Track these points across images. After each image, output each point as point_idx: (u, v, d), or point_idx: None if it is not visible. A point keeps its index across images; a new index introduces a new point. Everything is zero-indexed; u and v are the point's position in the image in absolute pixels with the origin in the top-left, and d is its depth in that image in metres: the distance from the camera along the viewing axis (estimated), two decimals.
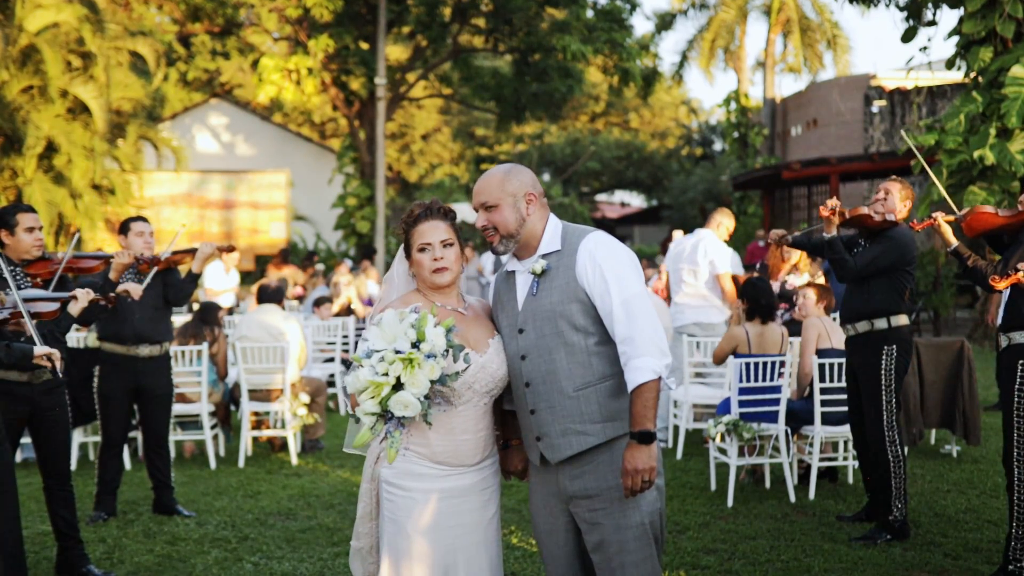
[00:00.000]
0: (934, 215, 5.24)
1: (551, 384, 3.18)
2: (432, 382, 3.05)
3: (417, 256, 3.29)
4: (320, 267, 16.74)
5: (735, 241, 15.78)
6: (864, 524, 5.90)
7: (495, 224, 3.26)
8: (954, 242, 5.21)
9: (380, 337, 3.09)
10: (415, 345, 3.04)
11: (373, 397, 3.07)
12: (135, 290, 5.72)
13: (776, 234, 6.25)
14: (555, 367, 3.18)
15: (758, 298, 6.98)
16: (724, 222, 8.85)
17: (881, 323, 5.66)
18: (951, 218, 5.30)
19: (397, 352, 3.03)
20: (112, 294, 5.24)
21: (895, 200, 5.69)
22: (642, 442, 3.07)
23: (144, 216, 6.45)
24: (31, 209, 5.14)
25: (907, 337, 5.74)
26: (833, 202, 5.78)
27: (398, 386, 3.05)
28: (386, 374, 3.04)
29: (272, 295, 8.57)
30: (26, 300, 4.44)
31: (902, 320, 5.69)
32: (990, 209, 5.07)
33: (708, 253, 8.61)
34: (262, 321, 8.27)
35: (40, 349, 4.23)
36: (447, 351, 3.05)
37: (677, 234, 10.13)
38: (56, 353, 4.25)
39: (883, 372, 5.66)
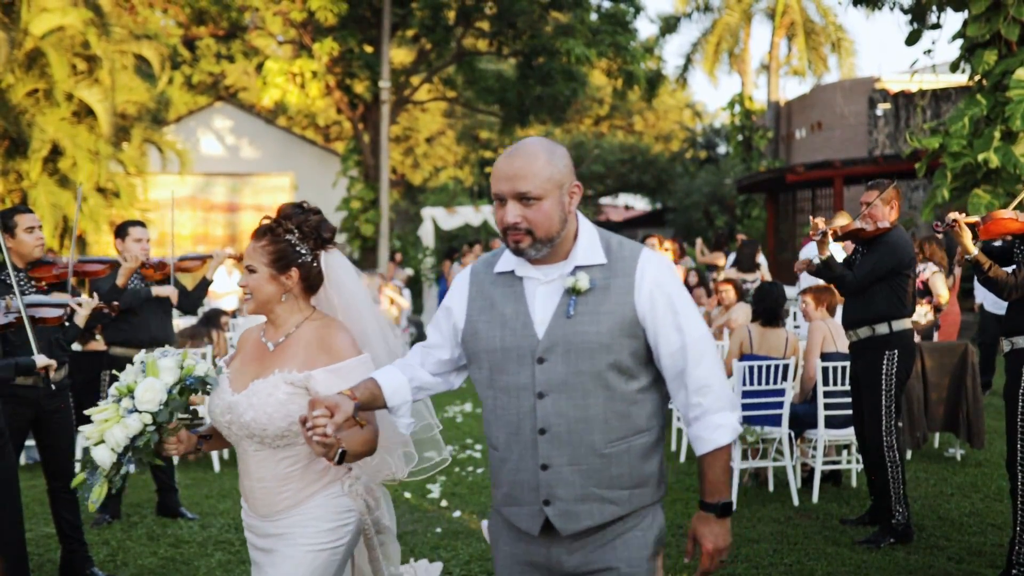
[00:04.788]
0: (956, 218, 4.93)
1: (579, 435, 2.51)
2: (133, 439, 2.71)
3: None
4: None
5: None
6: (867, 528, 5.89)
7: (534, 224, 2.48)
8: (974, 249, 4.92)
9: (123, 381, 2.80)
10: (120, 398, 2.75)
11: (88, 439, 2.78)
12: (173, 293, 6.30)
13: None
14: (588, 414, 2.51)
15: (762, 300, 7.01)
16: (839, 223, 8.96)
17: (882, 328, 5.63)
18: (973, 220, 5.00)
19: (117, 402, 2.76)
20: (115, 302, 5.29)
21: (877, 209, 5.64)
22: (723, 515, 2.55)
23: (142, 221, 6.54)
24: (28, 210, 5.18)
25: (909, 342, 5.69)
26: (821, 225, 5.76)
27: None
28: (107, 421, 2.75)
29: None
30: (30, 305, 4.46)
31: (904, 324, 5.65)
32: (1009, 214, 4.91)
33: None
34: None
35: (40, 359, 4.26)
36: (164, 405, 2.71)
37: (652, 241, 10.08)
38: (52, 364, 4.31)
39: (884, 377, 5.63)
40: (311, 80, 20.72)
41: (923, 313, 8.32)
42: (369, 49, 21.63)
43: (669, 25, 28.20)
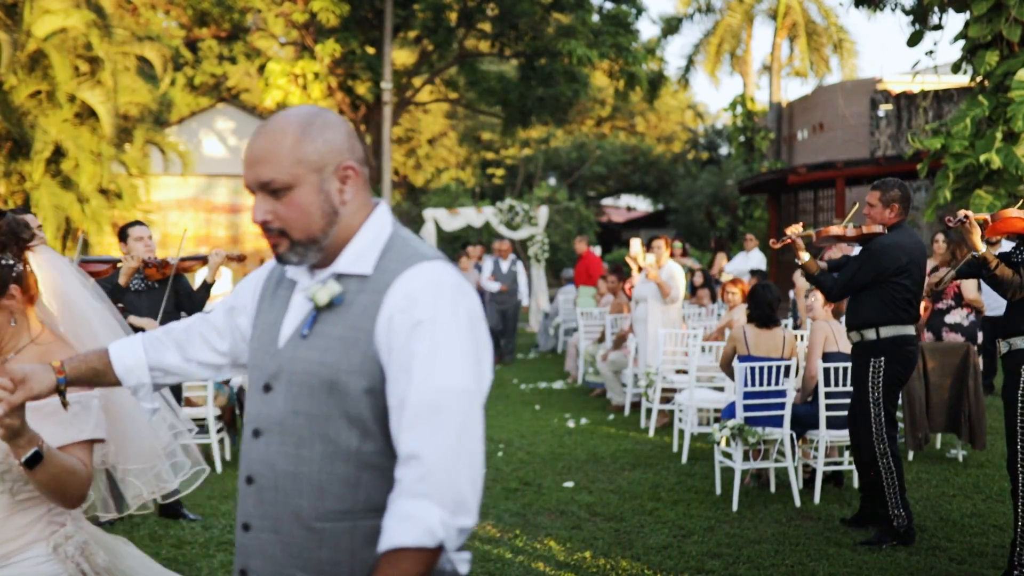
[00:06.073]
0: (967, 213, 4.88)
1: (286, 495, 1.86)
2: None
3: None
4: None
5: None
6: (869, 529, 5.88)
7: (287, 222, 1.86)
8: (982, 246, 4.86)
9: None
10: None
11: None
12: (150, 325, 6.06)
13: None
14: (299, 471, 1.85)
15: (756, 303, 7.01)
16: None
17: (870, 334, 5.56)
18: (982, 217, 4.97)
19: None
20: (120, 304, 5.31)
21: (878, 210, 5.61)
22: None
23: (141, 220, 6.53)
24: (17, 210, 5.18)
25: (901, 348, 5.55)
26: (791, 230, 5.74)
27: None
28: None
29: None
30: None
31: (895, 331, 5.53)
32: (1017, 213, 4.89)
33: None
34: None
35: None
36: None
37: (635, 241, 10.10)
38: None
39: (870, 384, 5.57)
40: (313, 81, 20.76)
41: (964, 315, 8.37)
42: (371, 50, 21.67)
43: (671, 26, 28.22)
